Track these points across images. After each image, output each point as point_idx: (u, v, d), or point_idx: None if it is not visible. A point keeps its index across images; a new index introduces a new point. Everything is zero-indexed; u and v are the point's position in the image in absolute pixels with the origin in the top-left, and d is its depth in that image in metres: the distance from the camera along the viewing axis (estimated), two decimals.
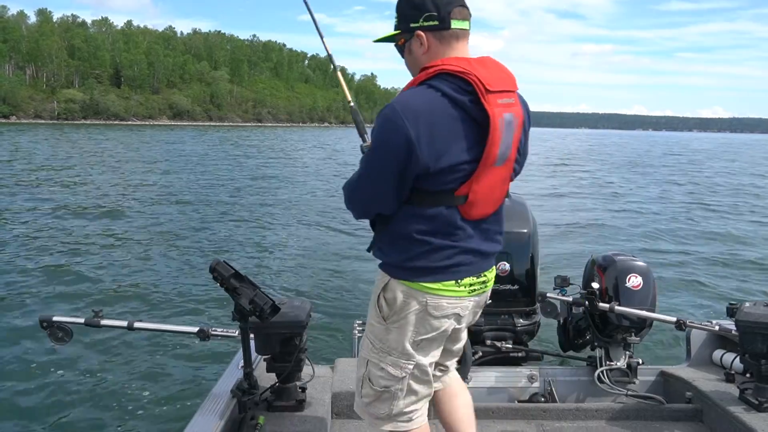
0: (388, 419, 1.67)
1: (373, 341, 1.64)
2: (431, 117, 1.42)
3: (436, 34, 1.51)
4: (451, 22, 1.49)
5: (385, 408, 1.66)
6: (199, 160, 26.94)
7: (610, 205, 15.00)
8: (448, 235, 1.51)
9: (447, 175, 1.46)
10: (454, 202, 1.50)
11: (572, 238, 9.94)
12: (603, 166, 31.82)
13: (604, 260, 2.95)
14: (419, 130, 1.41)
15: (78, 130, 63.82)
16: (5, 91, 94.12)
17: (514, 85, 1.54)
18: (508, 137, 1.49)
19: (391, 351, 1.61)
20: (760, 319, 2.37)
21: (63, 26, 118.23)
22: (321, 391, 2.45)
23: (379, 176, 1.49)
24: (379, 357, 1.63)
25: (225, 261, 1.99)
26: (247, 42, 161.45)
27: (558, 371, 3.00)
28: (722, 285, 7.31)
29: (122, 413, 3.66)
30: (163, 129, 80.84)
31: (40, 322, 2.24)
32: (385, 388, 1.64)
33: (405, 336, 1.58)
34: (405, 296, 1.56)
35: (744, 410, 2.36)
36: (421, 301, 1.54)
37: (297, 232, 10.36)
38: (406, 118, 1.41)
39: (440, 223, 1.51)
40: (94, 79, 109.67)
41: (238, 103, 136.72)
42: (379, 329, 1.62)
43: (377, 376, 1.64)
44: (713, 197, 17.96)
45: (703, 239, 10.48)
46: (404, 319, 1.57)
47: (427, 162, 1.43)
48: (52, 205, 12.17)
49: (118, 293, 6.26)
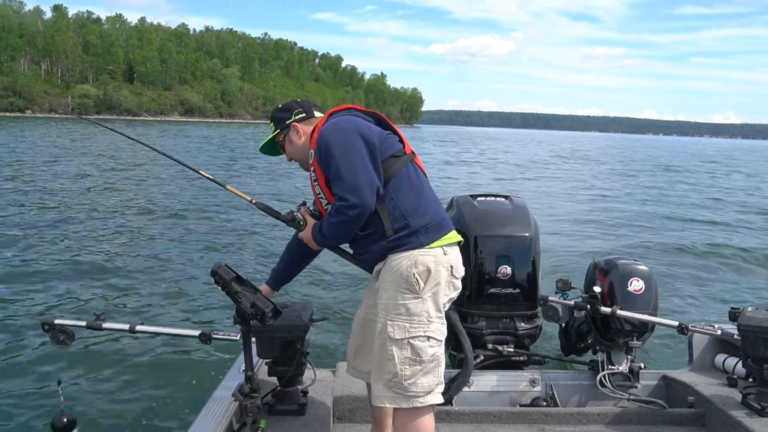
0: (430, 393, 1.81)
1: (410, 319, 1.80)
2: (359, 121, 1.95)
3: (305, 122, 2.07)
4: (313, 110, 2.11)
5: (432, 379, 1.81)
6: (205, 159, 26.93)
7: (611, 208, 14.83)
8: (423, 190, 1.93)
9: (392, 143, 1.94)
10: (410, 157, 1.96)
11: (574, 242, 9.85)
12: (602, 168, 31.54)
13: (606, 264, 2.95)
14: (361, 128, 1.92)
15: (87, 123, 64.22)
16: (21, 86, 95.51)
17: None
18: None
19: (431, 318, 1.81)
20: (762, 323, 2.36)
21: (78, 22, 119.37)
22: (322, 395, 2.45)
23: (364, 163, 1.83)
24: (423, 329, 1.80)
25: (226, 264, 2.00)
26: (258, 40, 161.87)
27: (560, 375, 3.00)
28: (724, 289, 7.23)
29: (123, 416, 3.65)
30: (174, 125, 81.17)
31: (41, 324, 2.24)
32: (434, 357, 1.81)
33: (439, 299, 1.83)
34: (435, 264, 1.81)
35: (746, 415, 2.35)
36: (446, 266, 1.83)
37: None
38: (351, 125, 1.92)
39: (411, 181, 1.92)
40: (107, 75, 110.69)
41: (249, 101, 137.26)
42: (414, 304, 1.80)
43: (425, 346, 1.79)
44: (716, 201, 17.75)
45: (705, 243, 10.37)
46: (438, 286, 1.81)
47: (378, 142, 1.88)
48: (53, 204, 12.14)
49: (120, 296, 6.22)
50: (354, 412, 2.53)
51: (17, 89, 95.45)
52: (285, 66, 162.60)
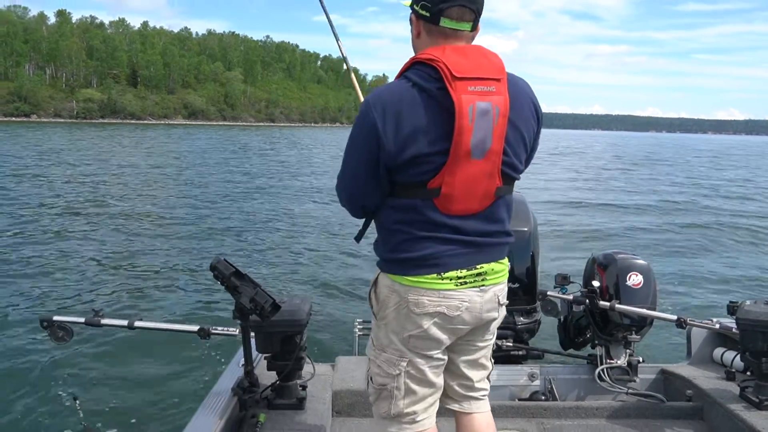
0: (389, 419, 1.64)
1: (373, 338, 1.65)
2: (398, 106, 1.41)
3: (425, 25, 1.49)
4: (441, 20, 1.44)
5: (385, 407, 1.64)
6: (204, 159, 26.98)
7: (611, 203, 14.82)
8: (426, 228, 1.48)
9: (417, 166, 1.43)
10: (428, 195, 1.45)
11: (573, 236, 9.86)
12: (604, 163, 31.46)
13: (605, 258, 2.95)
14: (386, 120, 1.41)
15: (96, 128, 64.51)
16: (26, 91, 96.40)
17: (497, 73, 1.43)
18: (483, 127, 1.40)
19: (385, 348, 1.60)
20: (760, 317, 2.36)
21: (82, 27, 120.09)
22: (321, 389, 2.46)
23: (356, 168, 1.51)
24: (375, 354, 1.63)
25: (225, 259, 2.00)
26: (260, 43, 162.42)
27: (558, 369, 3.00)
28: (722, 283, 7.23)
29: (123, 412, 3.66)
30: (177, 128, 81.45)
31: (40, 321, 2.25)
32: (382, 386, 1.62)
33: (393, 332, 1.57)
34: (388, 291, 1.55)
35: (744, 408, 2.35)
36: (402, 296, 1.52)
37: (297, 230, 10.32)
38: (374, 108, 1.42)
39: (416, 214, 1.48)
40: (111, 79, 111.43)
41: (252, 103, 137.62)
42: (374, 326, 1.64)
43: (375, 373, 1.64)
44: (715, 194, 17.70)
45: (704, 237, 10.36)
46: (389, 315, 1.56)
47: (393, 151, 1.42)
48: (54, 203, 12.23)
49: (119, 292, 6.23)
50: (353, 407, 2.54)
51: (22, 94, 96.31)
52: (287, 68, 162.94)
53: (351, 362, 2.79)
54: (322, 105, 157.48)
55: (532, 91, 1.56)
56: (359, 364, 2.75)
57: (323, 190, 16.68)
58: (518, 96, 1.48)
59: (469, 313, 1.54)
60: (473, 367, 1.70)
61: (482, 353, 1.70)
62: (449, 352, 1.64)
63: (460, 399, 1.72)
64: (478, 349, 1.68)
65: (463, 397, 1.72)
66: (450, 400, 1.73)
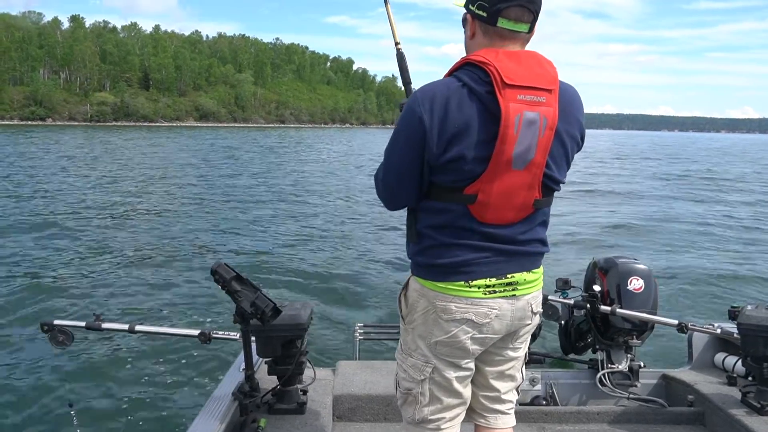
0: (414, 424, 1.63)
1: (401, 343, 1.64)
2: (446, 104, 1.37)
3: (481, 25, 1.45)
4: (498, 20, 1.40)
5: (410, 412, 1.62)
6: (206, 161, 26.92)
7: (611, 207, 14.66)
8: (458, 234, 1.45)
9: (456, 168, 1.40)
10: (463, 200, 1.42)
11: (574, 241, 9.76)
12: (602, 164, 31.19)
13: (606, 263, 2.95)
14: (433, 116, 1.37)
15: (111, 131, 65.06)
16: (42, 95, 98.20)
17: (549, 83, 1.39)
18: (527, 138, 1.36)
19: (411, 352, 1.58)
20: (762, 322, 2.35)
21: (95, 31, 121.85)
22: (322, 394, 2.47)
23: (399, 164, 1.46)
24: (403, 358, 1.61)
25: (226, 263, 2.00)
26: (270, 45, 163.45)
27: (559, 374, 3.00)
28: (724, 288, 7.15)
29: (123, 416, 3.66)
30: (188, 129, 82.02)
31: (41, 325, 2.26)
32: (407, 391, 1.60)
33: (420, 337, 1.55)
34: (417, 295, 1.53)
35: (746, 413, 2.34)
36: (431, 301, 1.50)
37: (298, 233, 10.28)
38: (422, 103, 1.39)
39: (450, 219, 1.45)
40: (124, 83, 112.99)
41: (262, 105, 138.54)
42: (402, 329, 1.62)
43: (401, 377, 1.62)
44: (717, 198, 17.47)
45: (705, 240, 10.25)
46: (417, 320, 1.55)
47: (436, 149, 1.39)
48: (57, 206, 12.28)
49: (119, 296, 6.22)
50: (354, 411, 2.55)
51: (38, 98, 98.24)
52: (297, 70, 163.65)
53: (352, 367, 2.80)
54: (331, 106, 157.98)
55: (581, 105, 1.52)
56: (360, 369, 2.76)
57: (324, 192, 16.60)
58: (568, 108, 1.45)
59: (500, 321, 1.50)
60: (501, 378, 1.65)
61: (512, 364, 1.65)
62: (477, 361, 1.61)
63: (486, 412, 1.68)
64: (507, 360, 1.63)
65: (489, 410, 1.68)
66: (475, 414, 1.70)
